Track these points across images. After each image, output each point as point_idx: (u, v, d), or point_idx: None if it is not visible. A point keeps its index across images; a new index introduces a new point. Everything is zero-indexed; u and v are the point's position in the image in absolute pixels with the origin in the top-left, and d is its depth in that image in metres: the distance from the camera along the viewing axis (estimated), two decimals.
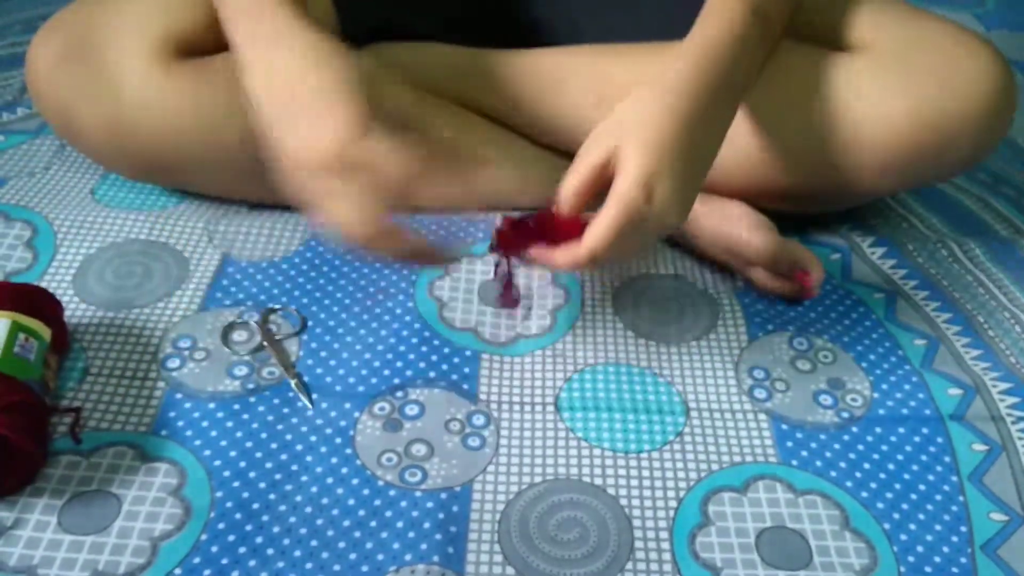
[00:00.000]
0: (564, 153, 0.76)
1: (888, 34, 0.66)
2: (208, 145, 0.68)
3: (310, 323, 0.66)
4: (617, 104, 0.55)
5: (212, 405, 0.59)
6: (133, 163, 0.72)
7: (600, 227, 0.51)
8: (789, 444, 0.59)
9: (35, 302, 0.59)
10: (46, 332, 0.58)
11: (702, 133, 0.55)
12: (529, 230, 0.57)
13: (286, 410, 0.59)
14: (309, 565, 0.50)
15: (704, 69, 0.55)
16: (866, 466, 0.58)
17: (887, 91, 0.64)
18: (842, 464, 0.58)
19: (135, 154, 0.70)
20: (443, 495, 0.55)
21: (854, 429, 0.61)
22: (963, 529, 0.55)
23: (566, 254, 0.53)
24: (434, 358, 0.64)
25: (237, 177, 0.72)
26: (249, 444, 0.57)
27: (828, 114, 0.65)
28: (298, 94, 0.50)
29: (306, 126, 0.49)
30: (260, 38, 0.53)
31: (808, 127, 0.66)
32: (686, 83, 0.55)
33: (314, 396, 0.60)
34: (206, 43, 0.67)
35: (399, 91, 0.74)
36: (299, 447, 0.57)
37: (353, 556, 0.51)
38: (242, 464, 0.55)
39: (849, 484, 0.57)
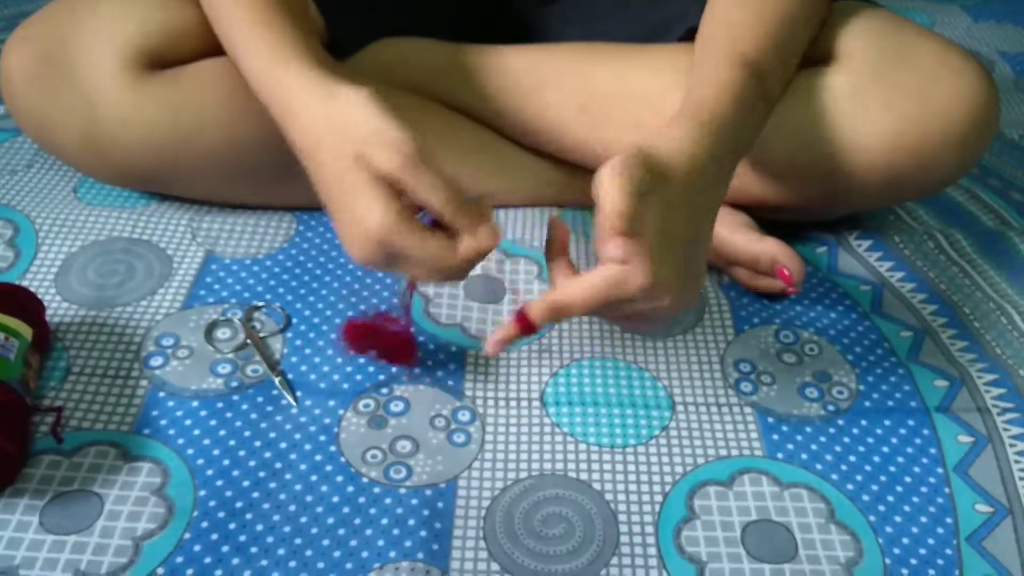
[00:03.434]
0: (549, 156, 0.76)
1: (870, 50, 0.63)
2: (187, 154, 0.68)
3: (294, 320, 0.65)
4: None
5: (195, 403, 0.59)
6: (113, 174, 0.71)
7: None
8: (775, 437, 0.59)
9: (16, 301, 0.58)
10: (27, 331, 0.57)
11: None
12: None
13: (270, 408, 0.59)
14: (293, 563, 0.50)
15: (709, 143, 0.51)
16: (852, 459, 0.58)
17: (867, 116, 0.63)
18: (828, 457, 0.58)
19: (114, 166, 0.69)
20: (428, 492, 0.54)
21: (840, 422, 0.61)
22: (948, 521, 0.55)
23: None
24: (419, 354, 0.63)
25: (218, 182, 0.72)
26: (232, 442, 0.56)
27: (808, 137, 0.64)
28: (326, 184, 0.51)
29: (347, 227, 0.50)
30: (280, 111, 0.54)
31: (788, 149, 0.65)
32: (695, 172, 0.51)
33: (298, 394, 0.60)
34: (179, 52, 0.67)
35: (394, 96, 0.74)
36: (283, 445, 0.57)
37: (337, 554, 0.51)
38: (225, 462, 0.55)
39: (835, 477, 0.57)
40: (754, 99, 0.55)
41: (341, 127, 0.49)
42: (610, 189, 0.46)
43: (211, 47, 0.66)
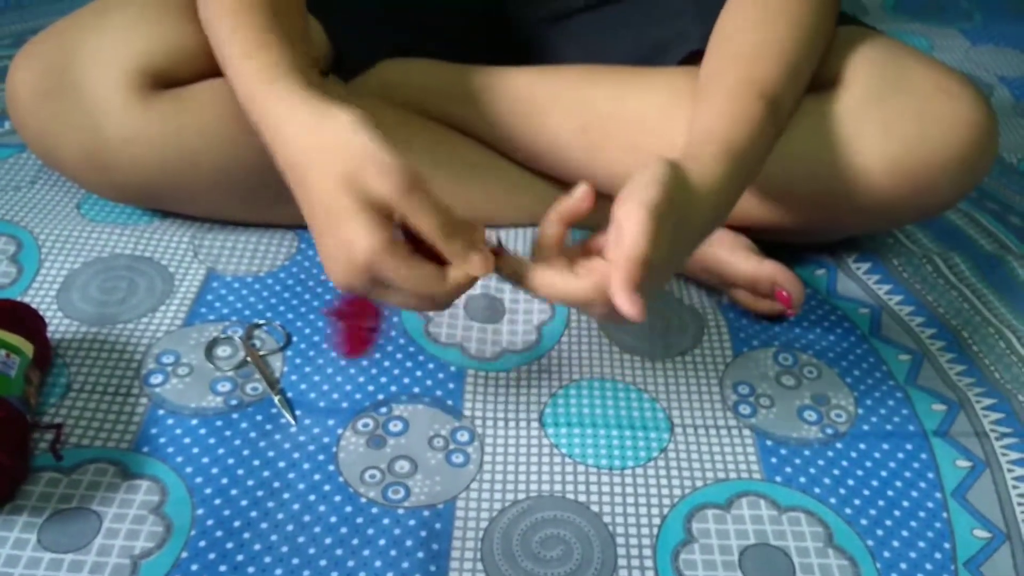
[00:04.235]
0: (550, 177, 0.76)
1: (870, 76, 0.64)
2: (191, 173, 0.68)
3: (294, 338, 0.66)
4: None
5: (195, 421, 0.59)
6: (116, 191, 0.72)
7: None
8: (773, 460, 0.59)
9: (18, 318, 0.59)
10: (28, 348, 0.57)
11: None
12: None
13: (269, 426, 0.59)
14: None
15: (732, 177, 0.52)
16: (850, 482, 0.58)
17: (866, 141, 0.63)
18: (826, 480, 0.58)
19: (118, 184, 0.70)
20: (426, 512, 0.54)
21: (838, 445, 0.61)
22: (946, 546, 0.55)
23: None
24: (419, 374, 0.63)
25: (220, 200, 0.72)
26: (231, 461, 0.56)
27: (809, 162, 0.65)
28: (312, 206, 0.50)
29: (332, 249, 0.49)
30: (268, 129, 0.53)
31: (789, 174, 0.65)
32: (716, 201, 0.51)
33: (297, 412, 0.60)
34: (184, 71, 0.67)
35: (389, 115, 0.74)
36: (281, 464, 0.57)
37: (334, 574, 0.51)
38: (224, 481, 0.55)
39: (833, 501, 0.57)
40: (770, 131, 0.56)
41: (331, 148, 0.48)
42: (635, 226, 0.45)
43: (216, 67, 0.66)
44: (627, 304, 0.45)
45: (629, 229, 0.46)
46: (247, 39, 0.55)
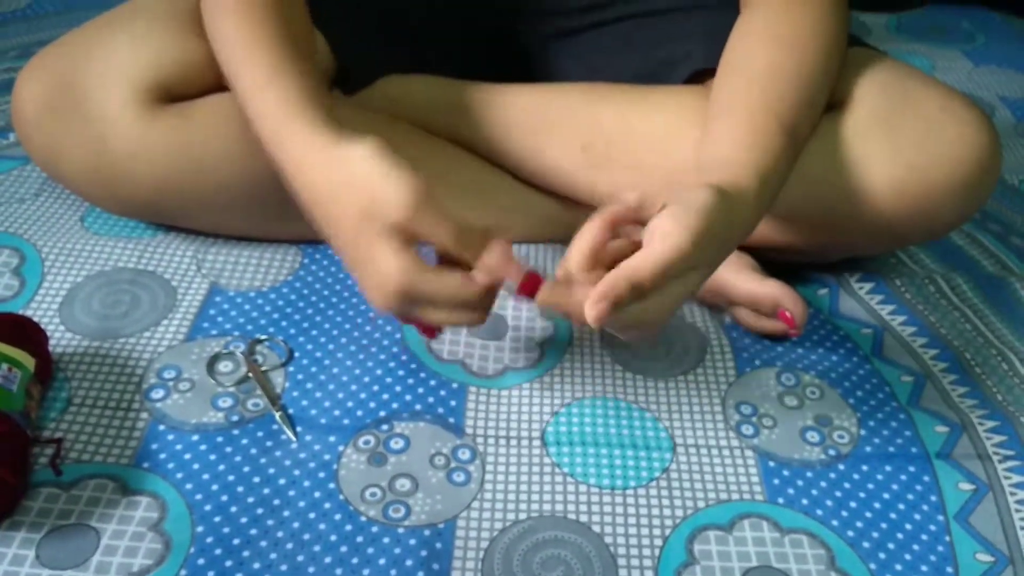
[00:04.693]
0: (552, 194, 0.76)
1: (875, 98, 0.64)
2: (197, 188, 0.68)
3: (297, 354, 0.66)
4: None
5: (195, 437, 0.59)
6: (121, 205, 0.72)
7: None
8: (776, 482, 0.59)
9: (19, 331, 0.59)
10: (30, 362, 0.57)
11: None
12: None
13: (270, 443, 0.59)
14: None
15: (760, 206, 0.54)
16: (852, 505, 0.58)
17: (872, 163, 0.63)
18: (828, 502, 0.58)
19: (123, 198, 0.70)
20: (426, 532, 0.54)
21: (841, 467, 0.60)
22: (949, 570, 0.54)
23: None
24: (420, 390, 0.63)
25: (225, 216, 0.72)
26: (231, 478, 0.56)
27: (814, 183, 0.65)
28: (341, 240, 0.53)
29: (365, 279, 0.52)
30: (288, 166, 0.55)
31: (794, 195, 0.65)
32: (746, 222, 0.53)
33: (298, 429, 0.60)
34: (190, 86, 0.67)
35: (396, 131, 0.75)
36: (282, 481, 0.56)
37: None
38: (224, 498, 0.55)
39: (835, 523, 0.57)
40: (790, 158, 0.57)
41: (348, 184, 0.51)
42: (651, 259, 0.46)
43: (222, 82, 0.66)
44: (592, 313, 0.47)
45: (651, 251, 0.47)
46: (261, 67, 0.56)
